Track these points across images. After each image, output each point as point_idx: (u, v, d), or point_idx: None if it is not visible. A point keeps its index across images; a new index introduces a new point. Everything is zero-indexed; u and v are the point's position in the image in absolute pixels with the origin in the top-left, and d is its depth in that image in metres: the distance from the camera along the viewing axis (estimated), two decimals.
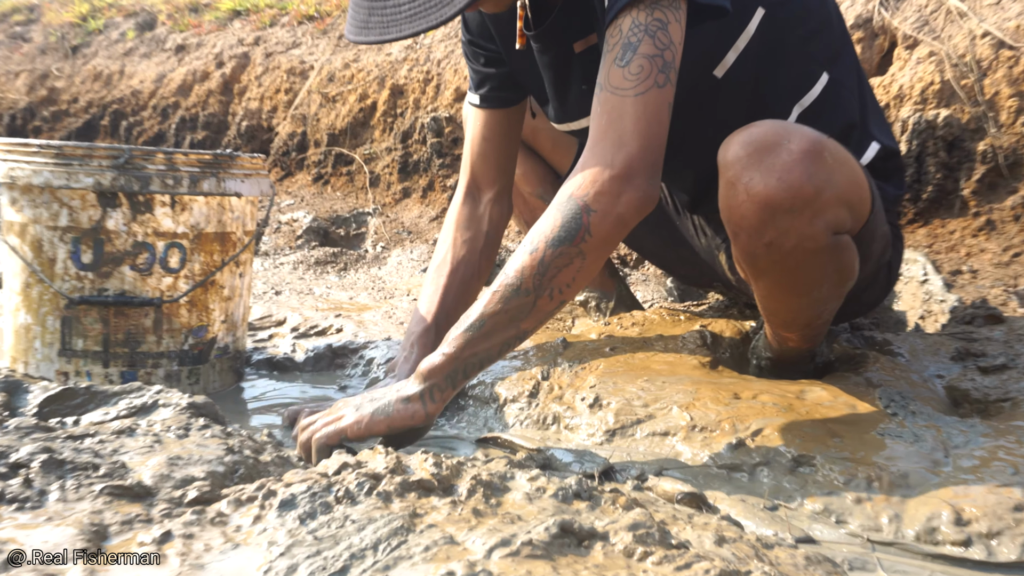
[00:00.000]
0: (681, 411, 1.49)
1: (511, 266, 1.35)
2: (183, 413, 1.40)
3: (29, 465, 1.12)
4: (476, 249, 1.81)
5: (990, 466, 1.27)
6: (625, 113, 1.33)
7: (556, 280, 1.34)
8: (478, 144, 1.83)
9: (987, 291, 2.30)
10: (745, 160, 1.35)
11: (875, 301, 1.75)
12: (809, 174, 1.32)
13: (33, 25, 7.06)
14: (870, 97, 1.70)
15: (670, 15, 1.35)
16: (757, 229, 1.37)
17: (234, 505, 1.06)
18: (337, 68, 4.69)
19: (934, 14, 2.75)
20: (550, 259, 1.32)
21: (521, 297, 1.34)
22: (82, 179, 1.65)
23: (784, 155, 1.33)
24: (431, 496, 1.07)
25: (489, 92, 1.79)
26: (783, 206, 1.33)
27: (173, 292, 1.73)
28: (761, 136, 1.35)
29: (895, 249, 1.70)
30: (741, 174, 1.35)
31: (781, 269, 1.42)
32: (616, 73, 1.34)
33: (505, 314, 1.35)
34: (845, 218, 1.39)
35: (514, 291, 1.34)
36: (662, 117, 1.35)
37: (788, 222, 1.34)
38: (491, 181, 1.85)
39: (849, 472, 1.27)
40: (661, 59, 1.34)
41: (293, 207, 4.29)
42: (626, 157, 1.32)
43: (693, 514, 1.15)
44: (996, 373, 1.63)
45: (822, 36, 1.60)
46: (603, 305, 2.13)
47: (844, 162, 1.40)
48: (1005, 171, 2.54)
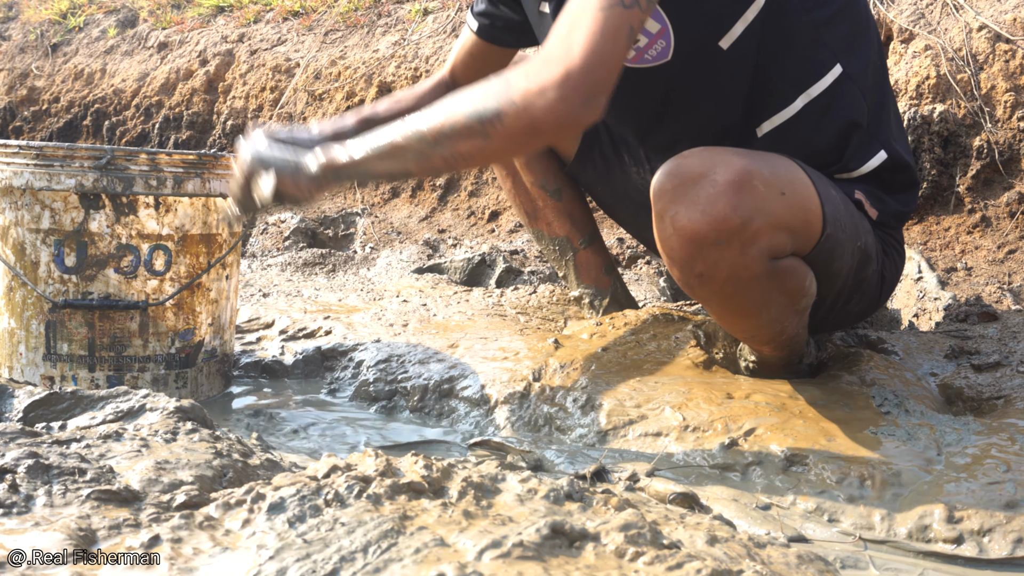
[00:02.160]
0: (674, 411, 1.49)
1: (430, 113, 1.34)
2: (170, 417, 1.39)
3: (15, 470, 1.11)
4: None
5: (983, 464, 1.27)
6: (582, 24, 1.28)
7: (455, 147, 1.32)
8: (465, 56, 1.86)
9: (982, 288, 2.30)
10: (671, 193, 1.36)
11: (865, 311, 1.72)
12: (734, 205, 1.32)
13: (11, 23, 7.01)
14: (890, 103, 1.66)
15: None
16: (687, 262, 1.37)
17: (223, 509, 1.05)
18: (323, 65, 4.67)
19: (930, 7, 2.76)
20: (459, 127, 1.31)
21: (422, 144, 1.34)
22: (64, 180, 1.63)
23: (708, 187, 1.33)
24: (421, 498, 1.07)
25: (488, 25, 1.81)
26: (709, 239, 1.33)
27: (159, 295, 1.71)
28: (687, 167, 1.36)
29: (889, 259, 1.67)
30: (667, 207, 1.36)
31: (720, 297, 1.42)
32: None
33: (404, 151, 1.35)
34: (785, 243, 1.38)
35: (419, 137, 1.34)
36: (619, 38, 1.28)
37: (717, 254, 1.34)
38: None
39: (842, 471, 1.27)
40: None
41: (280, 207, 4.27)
42: (566, 67, 1.26)
43: (685, 514, 1.15)
44: (990, 371, 1.63)
45: (839, 25, 1.56)
46: (597, 302, 2.13)
47: (783, 187, 1.38)
48: (1001, 167, 2.54)
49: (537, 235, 2.16)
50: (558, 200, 2.09)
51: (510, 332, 2.04)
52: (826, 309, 1.59)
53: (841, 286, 1.55)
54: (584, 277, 2.14)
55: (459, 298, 2.43)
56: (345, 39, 4.80)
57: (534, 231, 2.16)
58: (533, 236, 2.19)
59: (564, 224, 2.11)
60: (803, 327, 1.55)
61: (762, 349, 1.60)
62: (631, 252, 2.96)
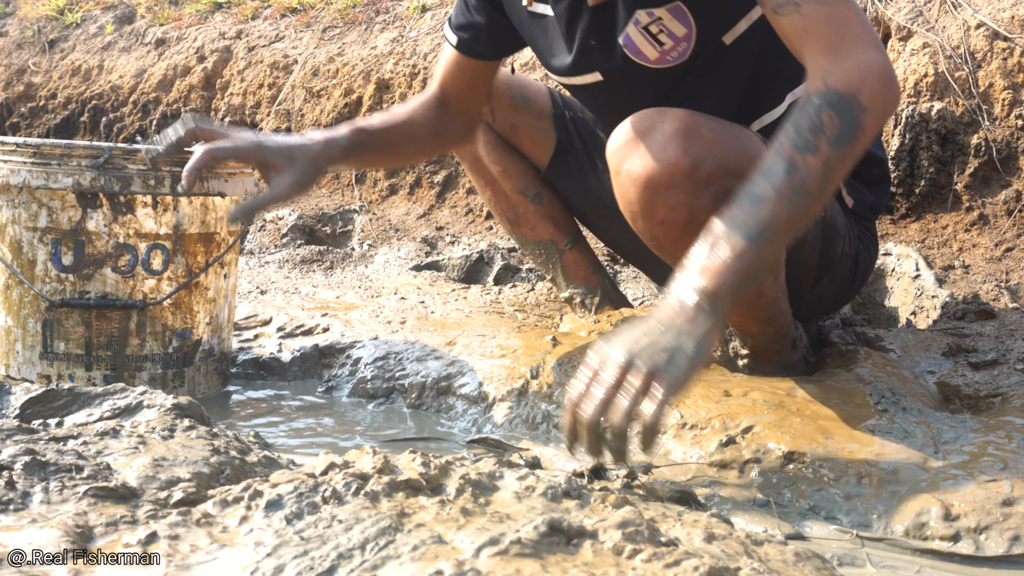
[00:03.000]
0: (671, 409, 1.49)
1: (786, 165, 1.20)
2: (168, 414, 1.39)
3: (11, 467, 1.11)
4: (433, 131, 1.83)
5: (979, 461, 1.27)
6: (847, 16, 1.28)
7: (834, 181, 1.23)
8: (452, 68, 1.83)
9: (979, 286, 2.30)
10: (624, 148, 1.44)
11: (839, 296, 1.73)
12: (684, 148, 1.39)
13: (8, 19, 6.99)
14: None
15: None
16: (647, 211, 1.43)
17: (220, 506, 1.05)
18: (321, 62, 4.66)
19: (928, 4, 2.76)
20: (834, 159, 1.20)
21: (806, 201, 1.20)
22: (61, 179, 1.63)
23: (658, 136, 1.41)
24: (419, 496, 1.07)
25: (468, 39, 1.78)
26: (663, 183, 1.40)
27: (156, 294, 1.71)
28: (636, 123, 1.44)
29: (865, 246, 1.70)
30: (623, 162, 1.44)
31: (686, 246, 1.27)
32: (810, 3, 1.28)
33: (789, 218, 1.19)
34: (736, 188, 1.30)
35: (799, 193, 1.19)
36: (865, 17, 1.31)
37: (674, 197, 1.40)
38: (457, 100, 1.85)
39: (839, 468, 1.27)
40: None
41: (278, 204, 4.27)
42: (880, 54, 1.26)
43: (683, 511, 1.15)
44: (987, 369, 1.63)
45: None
46: (588, 301, 2.13)
47: (731, 135, 1.45)
48: (999, 165, 2.54)
49: (521, 241, 2.16)
50: (539, 204, 2.09)
51: (508, 329, 2.04)
52: (797, 285, 1.61)
53: (809, 254, 1.58)
54: (573, 277, 2.14)
55: (457, 295, 2.43)
56: (343, 36, 4.80)
57: (518, 237, 2.15)
58: (517, 242, 2.18)
59: (547, 227, 2.11)
60: (781, 292, 1.56)
61: (751, 328, 1.60)
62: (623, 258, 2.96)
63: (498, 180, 2.09)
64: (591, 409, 1.11)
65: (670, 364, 1.10)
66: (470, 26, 1.77)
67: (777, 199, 1.18)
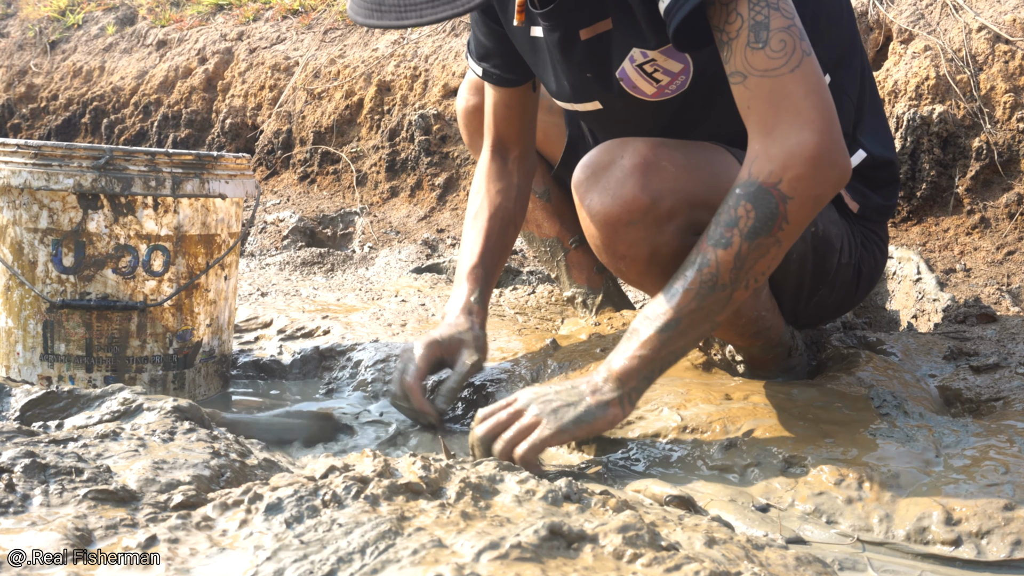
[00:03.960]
0: (672, 412, 1.49)
1: (699, 260, 1.30)
2: (168, 417, 1.39)
3: (11, 470, 1.11)
4: (511, 198, 1.86)
5: (981, 466, 1.27)
6: (790, 91, 1.28)
7: (753, 271, 1.30)
8: (500, 109, 1.85)
9: (980, 290, 2.30)
10: (585, 183, 1.43)
11: (843, 304, 1.72)
12: (642, 185, 1.37)
13: (10, 20, 7.00)
14: (871, 103, 1.67)
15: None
16: (608, 246, 1.43)
17: (220, 509, 1.04)
18: (323, 64, 4.67)
19: (930, 7, 2.75)
20: (747, 252, 1.28)
21: (718, 292, 1.30)
22: (62, 180, 1.63)
23: (616, 172, 1.39)
24: (419, 499, 1.06)
25: (492, 68, 1.79)
26: (622, 220, 1.39)
27: (157, 296, 1.71)
28: (597, 157, 1.42)
29: (869, 252, 1.67)
30: (584, 197, 1.43)
31: (651, 278, 1.44)
32: (758, 56, 1.29)
33: (701, 311, 1.31)
34: (704, 219, 1.37)
35: (710, 287, 1.30)
36: (824, 82, 1.30)
37: (634, 234, 1.40)
38: (516, 140, 1.88)
39: (840, 472, 1.27)
40: (796, 28, 1.30)
41: (279, 207, 4.27)
42: (814, 134, 1.27)
43: (683, 515, 1.15)
44: (988, 372, 1.63)
45: (830, 38, 1.57)
46: (590, 301, 2.13)
47: (698, 166, 1.42)
48: (1000, 168, 2.54)
49: (528, 237, 2.17)
50: (547, 201, 2.09)
51: (508, 332, 2.04)
52: (791, 298, 1.60)
53: (798, 270, 1.55)
54: (576, 277, 2.14)
55: None
56: (344, 38, 4.80)
57: (524, 234, 2.16)
58: (524, 239, 2.19)
59: (554, 224, 2.11)
60: (766, 310, 1.55)
61: (736, 341, 1.61)
62: None
63: None
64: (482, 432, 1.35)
65: (556, 416, 1.32)
66: (488, 54, 1.78)
67: (686, 293, 1.31)
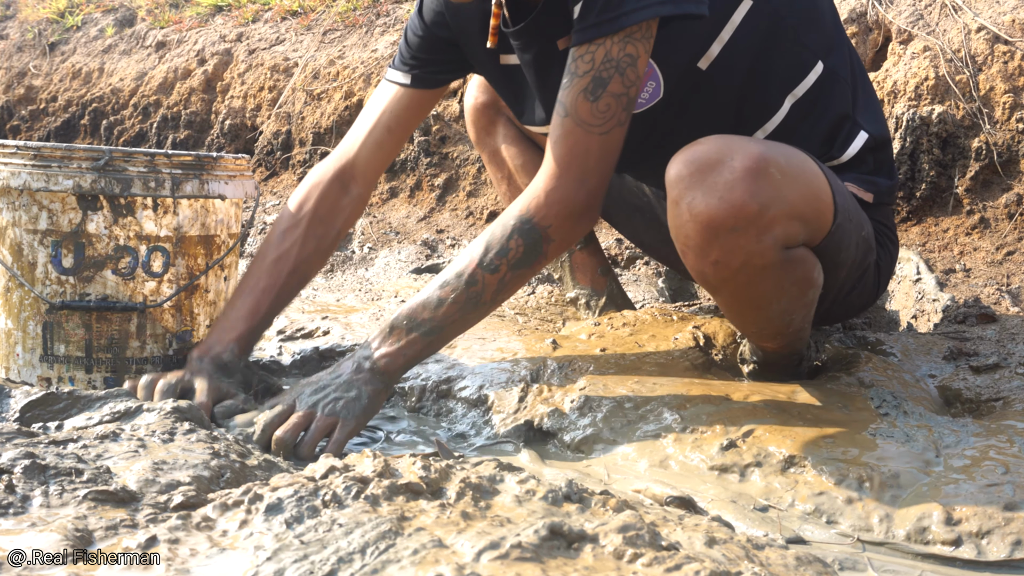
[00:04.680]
0: (673, 412, 1.49)
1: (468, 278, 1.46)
2: (168, 417, 1.39)
3: (11, 471, 1.11)
4: (322, 248, 1.76)
5: (981, 466, 1.27)
6: (591, 150, 1.43)
7: (510, 291, 1.50)
8: (381, 130, 1.75)
9: (980, 290, 2.30)
10: (687, 179, 1.36)
11: (865, 303, 1.73)
12: (752, 192, 1.32)
13: (9, 21, 6.99)
14: (863, 85, 1.68)
15: (640, 48, 1.41)
16: (702, 248, 1.37)
17: (220, 510, 1.04)
18: (322, 65, 4.67)
19: (928, 8, 2.75)
20: (510, 280, 1.47)
21: (480, 307, 1.48)
22: (61, 181, 1.62)
23: (726, 173, 1.33)
24: (419, 499, 1.06)
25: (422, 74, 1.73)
26: (726, 225, 1.33)
27: (157, 296, 1.71)
28: (704, 154, 1.36)
29: (884, 249, 1.68)
30: (684, 194, 1.36)
31: (733, 286, 1.42)
32: (585, 107, 1.42)
33: (462, 321, 1.49)
34: (798, 232, 1.38)
35: (474, 304, 1.47)
36: (618, 151, 1.46)
37: (733, 241, 1.34)
38: (369, 174, 1.79)
39: (840, 472, 1.27)
40: (626, 97, 1.42)
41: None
42: (588, 192, 1.45)
43: (684, 515, 1.15)
44: (988, 372, 1.63)
45: (815, 24, 1.58)
46: (593, 303, 2.13)
47: (797, 176, 1.38)
48: (999, 168, 2.54)
49: None
50: None
51: (508, 332, 2.04)
52: (830, 300, 1.60)
53: (846, 276, 1.56)
54: (580, 278, 2.13)
55: None
56: (343, 39, 4.80)
57: None
58: None
59: None
60: (808, 321, 1.55)
61: (767, 344, 1.60)
62: (629, 253, 2.95)
63: (515, 174, 2.09)
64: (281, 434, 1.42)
65: (348, 410, 1.44)
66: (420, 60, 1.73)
67: (453, 304, 1.46)
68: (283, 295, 1.71)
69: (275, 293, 1.69)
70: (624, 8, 1.37)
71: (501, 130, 2.06)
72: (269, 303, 1.69)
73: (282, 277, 1.70)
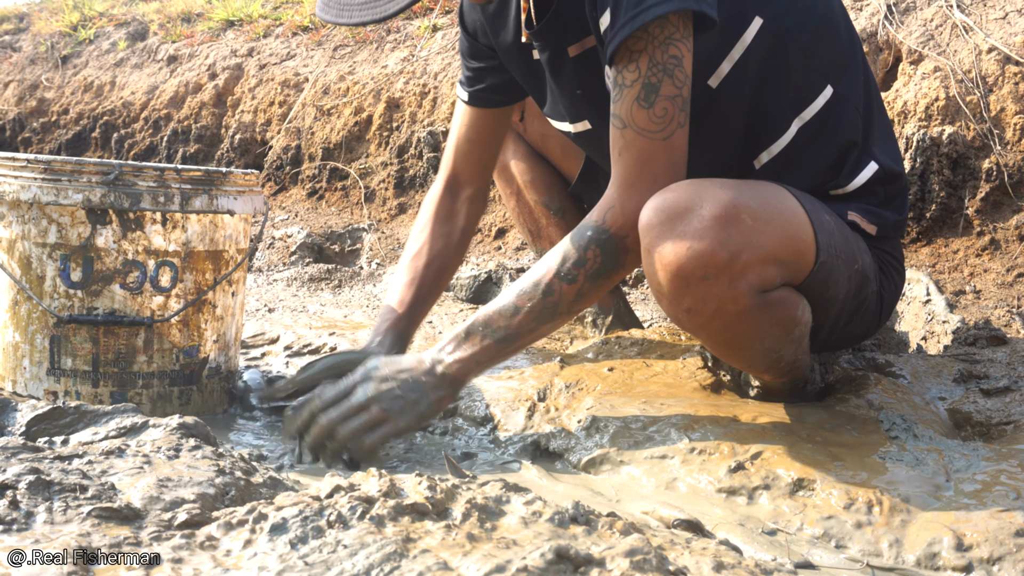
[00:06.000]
0: (680, 433, 1.48)
1: (545, 288, 1.45)
2: (174, 433, 1.38)
3: (16, 486, 1.10)
4: (451, 244, 1.86)
5: (992, 491, 1.26)
6: (656, 156, 1.41)
7: (588, 301, 1.48)
8: (463, 142, 1.86)
9: (990, 312, 2.29)
10: (657, 228, 1.35)
11: (867, 332, 1.71)
12: (721, 240, 1.31)
13: (22, 34, 7.04)
14: (878, 114, 1.66)
15: (683, 47, 1.39)
16: (674, 297, 1.37)
17: (224, 528, 1.04)
18: (332, 80, 4.68)
19: (939, 28, 2.75)
20: (587, 290, 1.45)
21: (556, 318, 1.47)
22: (71, 195, 1.63)
23: (695, 221, 1.32)
24: (425, 520, 1.06)
25: (479, 91, 1.80)
26: (696, 274, 1.32)
27: (164, 311, 1.71)
28: (673, 201, 1.35)
29: (888, 278, 1.66)
30: (654, 243, 1.35)
31: (710, 330, 1.42)
32: (641, 114, 1.40)
33: (537, 331, 1.48)
34: (774, 275, 1.37)
35: (550, 314, 1.46)
36: (685, 153, 1.43)
37: (704, 289, 1.33)
38: (471, 179, 1.88)
39: (849, 496, 1.26)
40: (681, 98, 1.40)
41: (287, 222, 4.28)
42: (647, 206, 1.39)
43: (691, 539, 1.13)
44: (999, 396, 1.61)
45: (827, 47, 1.57)
46: (600, 321, 2.12)
47: (773, 218, 1.37)
48: (1010, 190, 2.53)
49: (539, 253, 2.16)
50: (561, 219, 2.09)
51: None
52: (826, 332, 1.59)
53: (839, 310, 1.54)
54: None
55: (465, 315, 2.43)
56: (354, 54, 4.82)
57: (538, 250, 2.16)
58: (536, 255, 2.19)
59: None
60: (802, 353, 1.54)
61: (763, 377, 1.60)
62: (637, 271, 2.95)
63: (523, 191, 2.09)
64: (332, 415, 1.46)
65: (403, 414, 1.46)
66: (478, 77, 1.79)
67: (530, 313, 1.46)
68: (424, 286, 1.82)
69: (416, 284, 1.81)
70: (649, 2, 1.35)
71: (511, 146, 2.06)
72: (413, 293, 1.80)
73: (419, 271, 1.82)
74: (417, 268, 1.82)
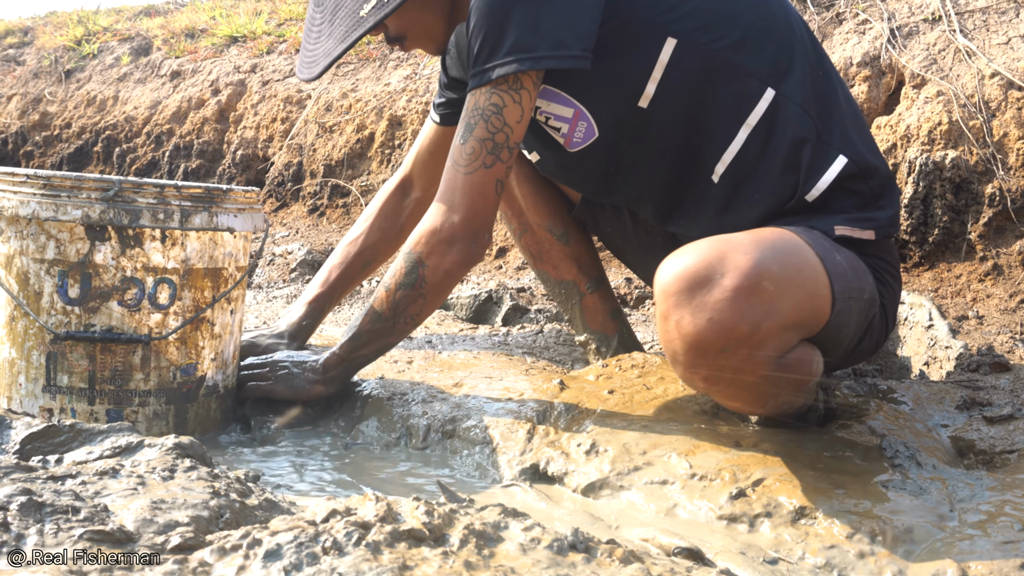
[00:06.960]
0: (681, 458, 1.46)
1: (376, 295, 1.73)
2: (169, 454, 1.37)
3: (7, 507, 1.09)
4: (386, 239, 2.11)
5: (996, 522, 1.24)
6: (456, 187, 1.61)
7: (407, 312, 1.71)
8: (424, 153, 2.08)
9: (993, 338, 2.27)
10: (675, 297, 1.31)
11: (876, 345, 1.71)
12: (743, 312, 1.28)
13: (26, 48, 7.06)
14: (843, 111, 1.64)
15: (507, 98, 1.54)
16: (690, 365, 1.35)
17: (218, 554, 1.02)
18: (335, 98, 4.69)
19: (942, 53, 2.75)
20: (399, 298, 1.70)
21: (383, 322, 1.73)
22: (70, 211, 1.62)
23: (716, 292, 1.29)
24: (422, 546, 1.04)
25: (450, 114, 1.97)
26: (715, 347, 1.30)
27: (162, 329, 1.70)
28: (693, 268, 1.31)
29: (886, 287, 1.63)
30: (671, 311, 1.32)
31: (723, 395, 1.43)
32: (457, 148, 1.61)
33: (373, 332, 1.74)
34: (792, 339, 1.36)
35: (377, 317, 1.73)
36: (487, 192, 1.60)
37: (722, 360, 1.31)
38: (424, 187, 2.10)
39: (852, 525, 1.24)
40: (492, 142, 1.57)
41: (288, 239, 4.27)
42: (451, 225, 1.61)
43: (692, 567, 1.12)
44: (1002, 423, 1.60)
45: (761, 53, 1.57)
46: (603, 348, 2.10)
47: (792, 278, 1.34)
48: (1013, 215, 2.52)
49: (543, 276, 2.15)
50: (565, 244, 2.08)
51: (515, 372, 2.02)
52: (837, 360, 1.58)
53: (851, 340, 1.54)
54: (591, 322, 2.11)
55: (465, 335, 2.41)
56: (357, 72, 4.82)
57: (539, 272, 2.14)
58: (539, 277, 2.18)
59: (571, 268, 2.09)
60: (808, 398, 1.54)
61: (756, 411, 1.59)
62: (639, 292, 2.94)
63: (526, 212, 2.08)
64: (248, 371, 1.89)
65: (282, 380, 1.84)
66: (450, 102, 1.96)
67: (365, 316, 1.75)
68: (350, 271, 2.10)
69: (343, 268, 2.09)
70: (488, 64, 1.53)
71: (514, 167, 2.05)
72: (338, 275, 2.09)
73: (350, 257, 2.10)
74: (349, 254, 2.09)
